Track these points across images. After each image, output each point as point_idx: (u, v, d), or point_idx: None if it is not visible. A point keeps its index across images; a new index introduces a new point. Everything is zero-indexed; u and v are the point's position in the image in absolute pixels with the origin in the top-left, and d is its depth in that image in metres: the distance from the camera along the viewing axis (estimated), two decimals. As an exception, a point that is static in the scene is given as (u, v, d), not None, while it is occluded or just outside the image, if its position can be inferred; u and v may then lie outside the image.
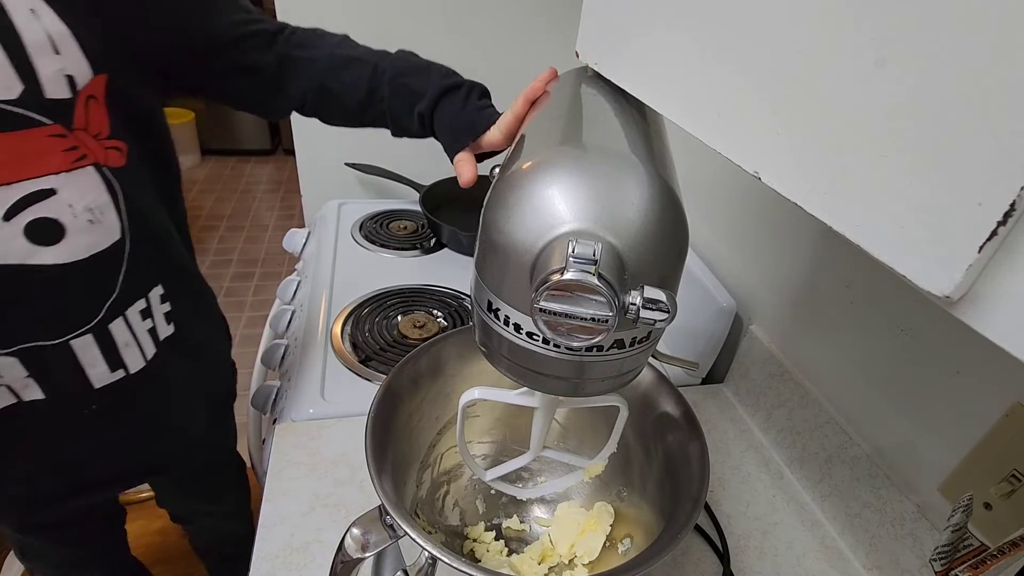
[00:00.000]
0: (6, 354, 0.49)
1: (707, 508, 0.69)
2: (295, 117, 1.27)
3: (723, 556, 0.64)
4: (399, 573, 0.50)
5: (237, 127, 3.41)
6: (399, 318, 0.93)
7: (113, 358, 0.55)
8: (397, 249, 1.15)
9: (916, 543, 0.58)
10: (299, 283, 1.09)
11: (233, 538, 1.04)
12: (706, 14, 0.33)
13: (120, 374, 0.56)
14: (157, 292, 0.58)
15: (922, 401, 0.58)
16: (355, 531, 0.43)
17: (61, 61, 0.44)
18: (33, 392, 0.53)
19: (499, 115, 0.56)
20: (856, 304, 0.66)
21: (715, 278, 0.88)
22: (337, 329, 0.90)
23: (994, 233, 0.19)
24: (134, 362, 0.57)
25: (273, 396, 0.83)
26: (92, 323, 0.52)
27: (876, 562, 0.63)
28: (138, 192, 0.53)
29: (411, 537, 0.39)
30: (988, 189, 0.19)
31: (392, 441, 0.50)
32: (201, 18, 0.55)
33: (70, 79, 0.45)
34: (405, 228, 1.22)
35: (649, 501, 0.55)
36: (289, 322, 0.99)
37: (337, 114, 0.64)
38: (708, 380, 0.91)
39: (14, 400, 0.52)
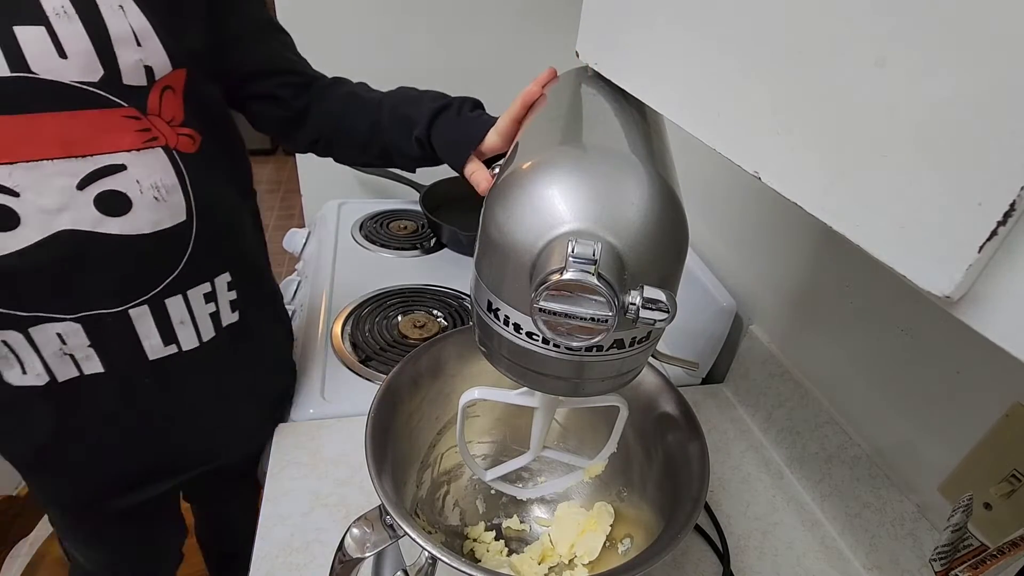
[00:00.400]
0: (72, 319, 0.52)
1: (707, 508, 0.69)
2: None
3: (723, 556, 0.64)
4: (399, 573, 0.50)
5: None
6: (399, 318, 0.93)
7: (167, 333, 0.58)
8: (397, 249, 1.15)
9: (916, 543, 0.58)
10: (299, 283, 1.09)
11: (239, 530, 1.04)
12: (706, 14, 0.33)
13: (172, 349, 0.59)
14: (224, 279, 0.61)
15: (922, 401, 0.58)
16: (355, 531, 0.43)
17: (141, 52, 0.48)
18: (94, 365, 0.56)
19: (494, 120, 0.59)
20: (856, 304, 0.66)
21: (715, 278, 0.88)
22: (337, 329, 0.90)
23: (994, 233, 0.19)
24: (187, 340, 0.60)
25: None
26: (149, 295, 0.55)
27: (876, 562, 0.63)
28: (207, 179, 0.56)
29: (411, 537, 0.39)
30: (988, 189, 0.19)
31: (392, 441, 0.50)
32: (269, 40, 0.65)
33: (148, 69, 0.49)
34: (405, 228, 1.22)
35: (649, 501, 0.55)
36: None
37: (346, 152, 0.70)
38: (708, 380, 0.91)
39: (77, 373, 0.56)
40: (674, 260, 0.35)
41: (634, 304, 0.31)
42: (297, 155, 1.34)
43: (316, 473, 0.67)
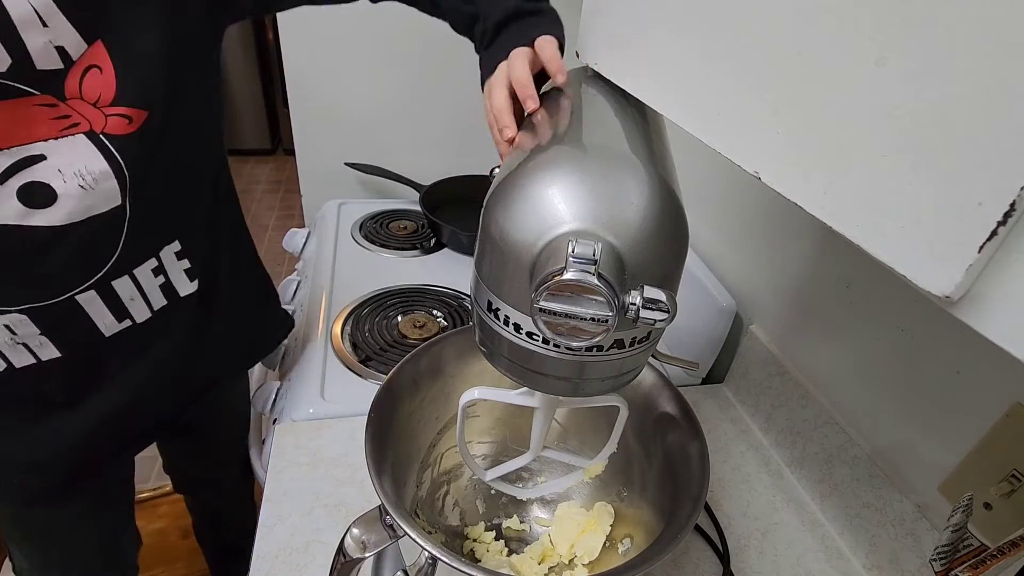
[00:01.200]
0: (16, 311, 0.52)
1: (707, 508, 0.69)
2: (295, 116, 1.28)
3: (723, 556, 0.64)
4: (399, 573, 0.50)
5: (237, 127, 3.41)
6: (399, 318, 0.93)
7: (119, 310, 0.58)
8: (397, 249, 1.15)
9: (916, 543, 0.58)
10: (299, 283, 1.09)
11: (233, 521, 1.05)
12: (706, 14, 0.33)
13: (127, 323, 0.59)
14: (172, 250, 0.60)
15: (922, 401, 0.58)
16: (355, 531, 0.43)
17: (49, 33, 0.45)
18: (50, 351, 0.55)
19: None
20: (856, 304, 0.66)
21: (715, 278, 0.88)
22: (337, 329, 0.90)
23: (994, 233, 0.19)
24: (140, 313, 0.59)
25: (273, 396, 0.83)
26: (93, 279, 0.54)
27: (876, 562, 0.63)
28: (151, 157, 0.54)
29: (411, 537, 0.39)
30: (988, 189, 0.19)
31: (392, 441, 0.50)
32: None
33: (60, 50, 0.46)
34: (405, 228, 1.22)
35: (649, 501, 0.55)
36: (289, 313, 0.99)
37: None
38: (708, 380, 0.91)
39: (33, 360, 0.55)
40: (674, 260, 0.35)
41: (634, 304, 0.31)
42: (297, 155, 1.34)
43: (316, 473, 0.67)
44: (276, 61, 3.06)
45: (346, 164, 1.32)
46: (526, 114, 0.47)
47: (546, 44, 0.48)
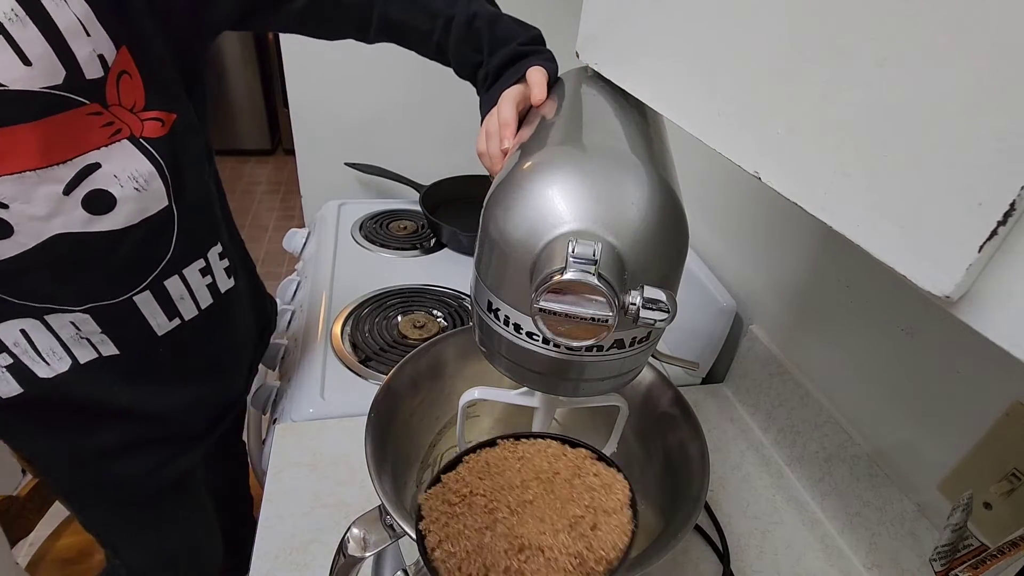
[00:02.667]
0: (80, 311, 0.54)
1: (707, 508, 0.69)
2: (295, 116, 1.28)
3: (723, 556, 0.64)
4: (399, 573, 0.50)
5: (237, 127, 3.41)
6: (399, 318, 0.93)
7: (170, 309, 0.60)
8: (397, 249, 1.15)
9: (916, 542, 0.58)
10: (299, 283, 1.09)
11: (234, 522, 1.04)
12: (706, 14, 0.33)
13: (176, 322, 0.61)
14: (216, 251, 0.63)
15: (922, 401, 0.58)
16: (355, 531, 0.43)
17: (92, 42, 0.46)
18: (109, 348, 0.58)
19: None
20: (856, 304, 0.66)
21: (715, 278, 0.88)
22: (337, 329, 0.90)
23: (994, 233, 0.19)
24: (188, 312, 0.62)
25: (273, 396, 0.83)
26: (148, 280, 0.57)
27: (876, 561, 0.63)
28: (181, 158, 0.56)
29: (411, 537, 0.39)
30: (988, 189, 0.19)
31: (392, 441, 0.50)
32: None
33: (101, 58, 0.47)
34: (405, 228, 1.22)
35: (649, 501, 0.55)
36: (289, 322, 0.99)
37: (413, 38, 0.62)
38: (708, 380, 0.91)
39: (96, 355, 0.57)
40: (674, 260, 0.35)
41: (634, 304, 0.31)
42: (297, 155, 1.34)
43: (316, 473, 0.67)
44: (276, 61, 3.06)
45: (346, 164, 1.32)
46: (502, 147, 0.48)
47: (533, 72, 0.50)
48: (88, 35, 0.46)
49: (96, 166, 0.49)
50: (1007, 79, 0.18)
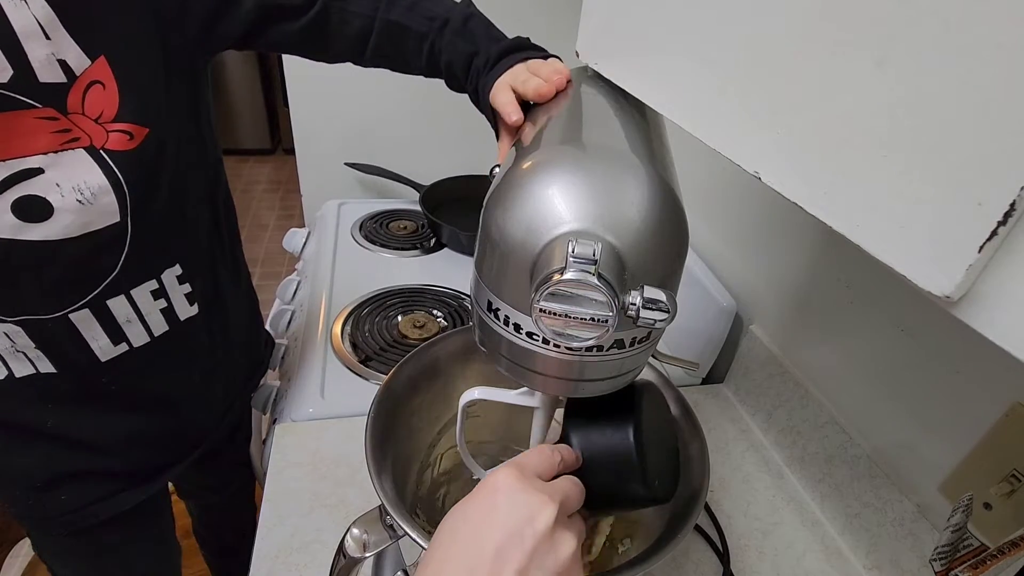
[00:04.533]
0: (12, 322, 0.51)
1: (707, 508, 0.69)
2: (295, 116, 1.28)
3: (723, 556, 0.64)
4: (399, 573, 0.50)
5: (237, 127, 3.41)
6: (399, 318, 0.93)
7: (115, 333, 0.57)
8: (397, 249, 1.15)
9: (916, 543, 0.58)
10: (299, 283, 1.09)
11: (234, 524, 1.04)
12: (706, 14, 0.33)
13: (123, 348, 0.58)
14: (173, 273, 0.59)
15: (922, 401, 0.58)
16: (355, 531, 0.43)
17: (51, 46, 0.45)
18: (45, 365, 0.55)
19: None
20: (856, 304, 0.66)
21: (715, 278, 0.88)
22: (337, 329, 0.90)
23: (994, 233, 0.19)
24: (137, 338, 0.59)
25: (273, 396, 0.83)
26: (87, 298, 0.53)
27: (876, 562, 0.63)
28: (152, 175, 0.53)
29: (411, 537, 0.39)
30: (988, 189, 0.19)
31: (392, 441, 0.50)
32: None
33: (63, 64, 0.46)
34: (405, 228, 1.22)
35: (649, 501, 0.55)
36: (289, 322, 0.99)
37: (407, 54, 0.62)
38: (708, 380, 0.91)
39: (33, 370, 0.54)
40: (674, 260, 0.35)
41: (634, 304, 0.31)
42: (297, 155, 1.34)
43: (316, 473, 0.67)
44: (276, 61, 3.06)
45: (346, 164, 1.32)
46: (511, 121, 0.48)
47: (500, 93, 0.50)
48: (48, 38, 0.44)
49: (38, 171, 0.47)
50: (1007, 79, 0.18)
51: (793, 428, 0.74)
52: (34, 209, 0.47)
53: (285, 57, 1.21)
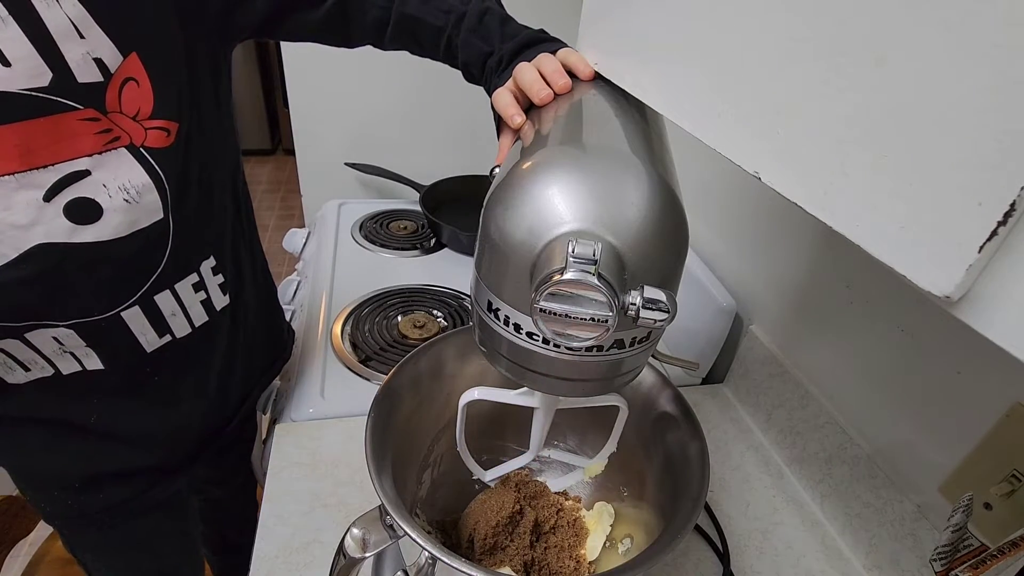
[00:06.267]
0: (64, 326, 0.52)
1: (707, 508, 0.69)
2: (295, 116, 1.28)
3: (723, 556, 0.64)
4: (399, 573, 0.50)
5: (237, 127, 3.40)
6: (399, 318, 0.93)
7: (160, 326, 0.58)
8: (397, 249, 1.15)
9: (916, 543, 0.58)
10: (299, 283, 1.09)
11: (238, 519, 1.04)
12: (706, 15, 0.33)
13: (167, 339, 0.59)
14: (208, 265, 0.61)
15: (922, 401, 0.58)
16: (355, 531, 0.43)
17: (87, 44, 0.45)
18: (94, 362, 0.55)
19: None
20: (856, 304, 0.66)
21: (715, 278, 0.88)
22: (337, 329, 0.90)
23: (994, 233, 0.19)
24: (180, 329, 0.60)
25: (273, 396, 0.83)
26: (138, 295, 0.54)
27: (876, 562, 0.63)
28: (186, 170, 0.54)
29: (411, 537, 0.39)
30: (988, 189, 0.19)
31: (392, 441, 0.50)
32: None
33: (99, 62, 0.46)
34: (405, 228, 1.22)
35: (649, 501, 0.55)
36: (289, 322, 0.99)
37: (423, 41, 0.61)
38: (708, 380, 0.91)
39: (79, 368, 0.55)
40: (674, 260, 0.35)
41: (634, 304, 0.31)
42: (297, 155, 1.34)
43: (316, 473, 0.67)
44: (276, 61, 3.06)
45: (346, 164, 1.32)
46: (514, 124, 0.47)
47: (545, 60, 0.49)
48: (82, 37, 0.44)
49: (85, 173, 0.47)
50: (1007, 79, 0.18)
51: (793, 428, 0.74)
52: (85, 211, 0.48)
53: (285, 57, 1.21)
